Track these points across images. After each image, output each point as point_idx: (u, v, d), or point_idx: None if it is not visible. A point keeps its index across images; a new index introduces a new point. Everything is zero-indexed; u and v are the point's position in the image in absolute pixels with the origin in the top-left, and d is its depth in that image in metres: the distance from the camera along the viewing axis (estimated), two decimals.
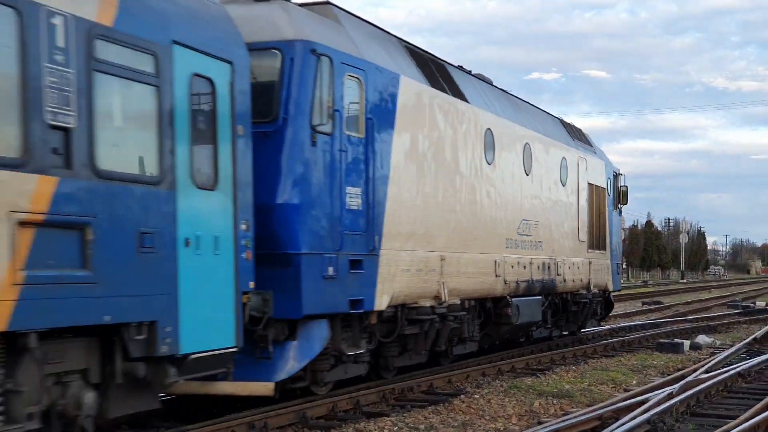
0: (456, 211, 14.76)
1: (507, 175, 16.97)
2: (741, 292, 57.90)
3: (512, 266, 16.94)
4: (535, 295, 18.01)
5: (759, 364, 16.98)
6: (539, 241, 18.48)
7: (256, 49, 10.83)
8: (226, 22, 10.18)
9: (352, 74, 12.00)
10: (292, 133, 10.99)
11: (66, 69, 7.71)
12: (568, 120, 22.78)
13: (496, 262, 16.21)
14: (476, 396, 13.34)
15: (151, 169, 8.76)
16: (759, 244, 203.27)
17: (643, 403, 11.86)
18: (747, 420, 10.80)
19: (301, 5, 12.14)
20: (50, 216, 7.46)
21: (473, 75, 17.51)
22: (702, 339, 22.59)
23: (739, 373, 15.46)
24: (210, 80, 9.63)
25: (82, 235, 7.82)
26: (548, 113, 21.42)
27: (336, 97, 11.54)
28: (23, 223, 7.20)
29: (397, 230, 12.84)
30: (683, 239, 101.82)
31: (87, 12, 7.97)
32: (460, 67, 16.97)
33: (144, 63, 8.68)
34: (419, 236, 13.51)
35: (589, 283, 21.43)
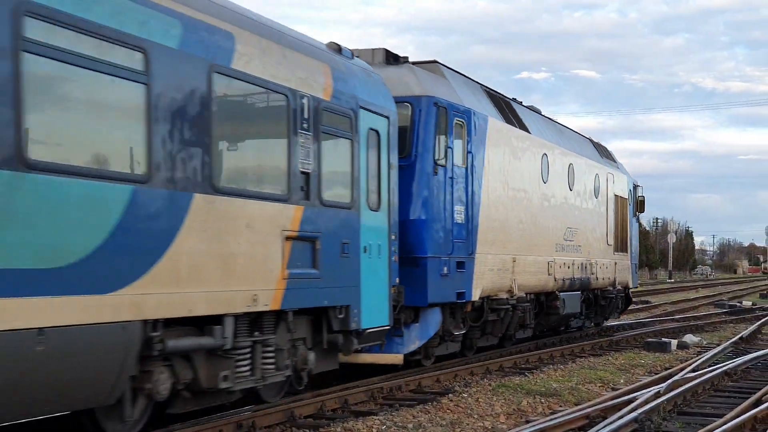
0: (523, 222, 18.33)
1: (557, 191, 20.51)
2: (728, 292, 58.14)
3: (560, 266, 20.40)
4: (575, 291, 21.41)
5: (745, 363, 17.07)
6: (579, 245, 21.88)
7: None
8: (383, 86, 13.75)
9: (459, 119, 15.58)
10: (421, 166, 14.62)
11: (308, 132, 11.17)
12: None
13: (548, 263, 19.68)
14: (464, 395, 13.36)
15: (347, 197, 12.26)
16: (746, 244, 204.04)
17: (630, 402, 11.90)
18: (733, 418, 10.87)
19: (414, 63, 15.73)
20: (299, 233, 11.01)
21: (526, 107, 20.88)
22: (689, 338, 22.68)
23: (725, 372, 15.53)
24: (377, 131, 13.17)
25: (314, 245, 11.37)
26: (582, 135, 24.93)
27: (449, 137, 15.14)
28: (287, 238, 10.75)
29: (486, 238, 16.45)
30: (671, 239, 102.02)
31: (317, 92, 11.52)
32: (514, 99, 20.26)
33: (344, 124, 12.22)
34: (500, 242, 17.10)
35: (614, 281, 24.89)
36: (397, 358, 14.16)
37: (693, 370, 15.53)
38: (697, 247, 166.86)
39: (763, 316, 31.43)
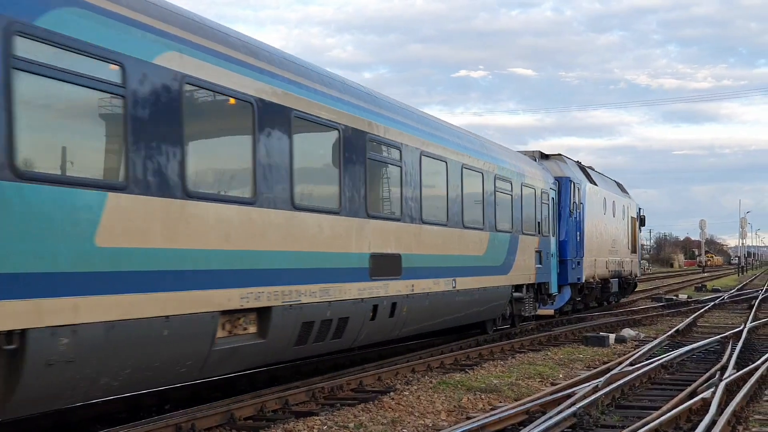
0: (597, 238, 31.25)
1: (608, 219, 33.61)
2: (664, 285, 59.03)
3: (610, 263, 33.43)
4: (615, 278, 34.26)
5: (681, 355, 17.35)
6: (616, 250, 34.92)
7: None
8: (548, 172, 26.27)
9: (577, 186, 28.71)
10: (564, 213, 27.71)
11: (543, 203, 24.58)
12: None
13: (606, 261, 32.66)
14: (406, 393, 13.38)
15: (548, 230, 24.62)
16: (682, 237, 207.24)
17: (569, 396, 12.02)
18: (669, 410, 11.03)
19: (553, 155, 29.08)
20: (537, 249, 23.30)
21: (591, 168, 33.83)
22: (627, 332, 22.96)
23: (662, 365, 15.76)
24: (549, 195, 25.09)
25: (540, 254, 23.62)
26: (613, 180, 38.80)
27: (574, 196, 28.09)
28: (534, 251, 23.25)
29: (587, 248, 29.44)
30: None
31: (541, 185, 24.28)
32: (591, 167, 33.96)
33: (544, 196, 24.49)
34: (591, 251, 30.09)
35: (631, 272, 38.70)
36: (551, 313, 28.34)
37: (630, 364, 15.74)
38: None
39: (698, 309, 31.99)
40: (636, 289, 43.20)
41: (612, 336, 21.47)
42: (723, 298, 39.65)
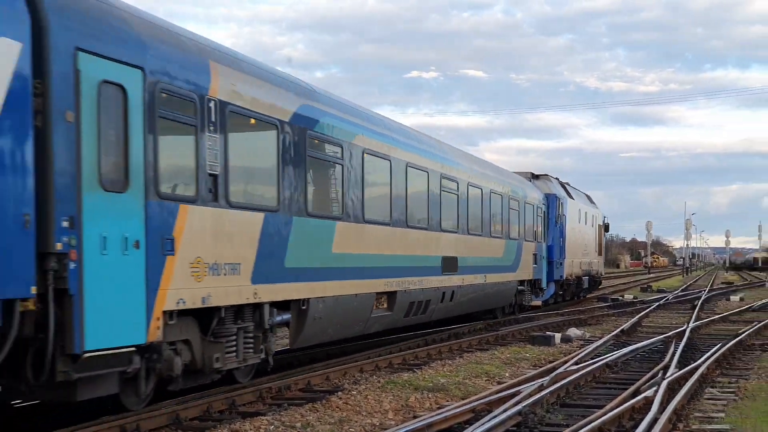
0: (574, 243, 36.94)
1: (581, 226, 39.58)
2: (611, 286, 59.71)
3: (582, 263, 39.38)
4: (586, 276, 40.52)
5: (625, 354, 17.59)
6: (587, 252, 41.05)
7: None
8: (539, 190, 32.77)
9: (561, 201, 34.64)
10: (551, 223, 33.81)
11: (539, 216, 31.81)
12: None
13: (579, 262, 38.68)
14: (353, 392, 13.41)
15: (542, 238, 31.91)
16: (628, 239, 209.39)
17: (515, 395, 12.15)
18: (613, 409, 11.20)
19: (540, 176, 35.21)
20: (534, 253, 30.42)
21: (567, 184, 39.02)
22: (573, 332, 23.22)
23: (606, 364, 15.97)
24: (541, 208, 32.08)
25: (535, 257, 30.16)
26: (585, 193, 45.34)
27: (558, 209, 34.20)
28: (532, 254, 30.04)
29: (567, 252, 35.20)
30: None
31: (535, 201, 31.31)
32: (568, 183, 39.33)
33: (539, 210, 31.70)
34: (569, 253, 35.79)
35: (597, 271, 44.98)
36: (538, 304, 32.51)
37: (575, 363, 15.92)
38: None
39: (644, 309, 32.41)
40: (599, 286, 49.85)
41: (558, 335, 21.71)
42: (668, 299, 40.25)
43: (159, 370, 10.73)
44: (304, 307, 14.04)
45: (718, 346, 18.37)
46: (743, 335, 21.13)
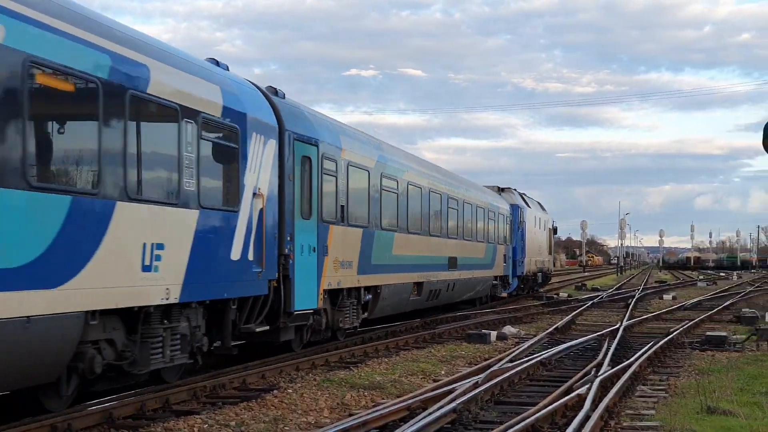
0: (531, 245, 42.99)
1: (536, 230, 45.31)
2: (546, 284, 60.24)
3: (537, 261, 45.22)
4: (540, 272, 46.40)
5: (559, 352, 17.80)
6: (541, 252, 46.99)
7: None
8: (506, 201, 39.42)
9: (521, 210, 41.33)
10: (515, 228, 40.32)
11: (498, 220, 37.75)
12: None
13: (535, 260, 44.16)
14: (289, 391, 13.38)
15: (510, 241, 39.37)
16: (564, 238, 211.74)
17: (450, 392, 12.21)
18: (546, 406, 11.31)
19: (504, 189, 41.76)
20: (509, 256, 39.56)
21: (523, 194, 44.57)
22: (508, 329, 23.42)
23: (540, 362, 16.15)
24: (509, 217, 39.00)
25: (513, 258, 39.95)
26: (536, 200, 50.26)
27: (520, 216, 40.87)
28: (503, 255, 37.65)
29: (526, 252, 41.65)
30: None
31: (505, 211, 38.89)
32: (524, 194, 44.71)
33: (506, 216, 38.52)
34: (528, 253, 42.14)
35: (548, 268, 50.87)
36: (505, 295, 37.70)
37: (510, 361, 16.06)
38: None
39: (578, 307, 32.83)
40: (550, 281, 56.19)
41: (494, 333, 21.88)
42: (602, 297, 40.80)
43: (317, 324, 17.40)
44: (378, 291, 20.85)
45: (650, 344, 18.66)
46: (675, 333, 21.52)
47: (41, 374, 9.71)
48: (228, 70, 14.93)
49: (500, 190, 41.27)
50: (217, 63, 14.70)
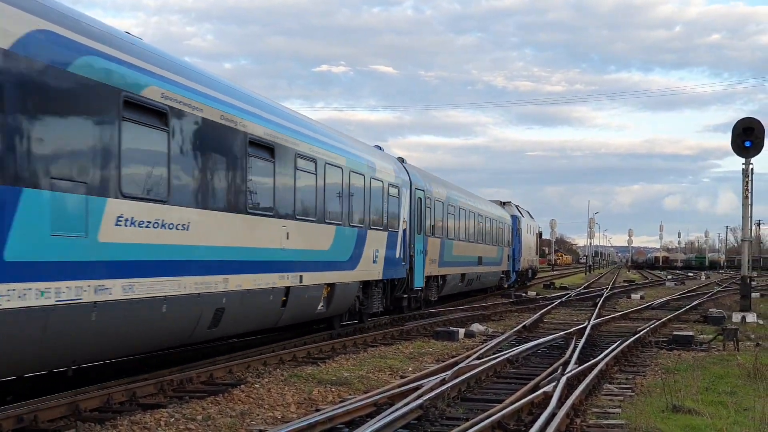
0: (525, 247, 53.84)
1: (527, 235, 55.32)
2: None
3: (530, 259, 57.68)
4: (529, 269, 57.65)
5: (526, 350, 17.89)
6: (530, 253, 57.90)
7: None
8: (507, 213, 49.27)
9: (518, 219, 51.41)
10: (514, 234, 49.61)
11: (514, 235, 51.35)
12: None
13: (528, 259, 56.09)
14: (256, 385, 13.37)
15: (508, 243, 47.68)
16: None
17: (417, 389, 12.24)
18: (512, 404, 11.37)
19: (505, 203, 51.53)
20: (508, 254, 49.77)
21: (520, 206, 55.28)
22: (476, 327, 23.48)
23: (508, 359, 16.22)
24: (511, 225, 48.73)
25: (513, 258, 50.03)
26: (526, 210, 58.82)
27: (518, 225, 50.87)
28: (507, 254, 48.30)
29: (522, 252, 51.75)
30: None
31: (508, 222, 49.36)
32: (519, 206, 54.71)
33: (510, 227, 49.39)
34: (523, 252, 52.24)
35: (536, 266, 63.17)
36: (506, 285, 47.39)
37: (478, 358, 16.12)
38: None
39: (546, 305, 33.01)
40: (536, 276, 66.50)
41: (462, 331, 21.95)
42: (570, 296, 41.03)
43: (421, 296, 27.92)
44: (446, 278, 31.20)
45: (617, 343, 18.79)
46: (641, 333, 21.67)
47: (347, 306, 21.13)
48: (382, 149, 26.30)
49: (503, 204, 51.26)
50: (380, 148, 26.25)
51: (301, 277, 16.78)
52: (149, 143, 11.94)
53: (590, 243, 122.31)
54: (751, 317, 27.65)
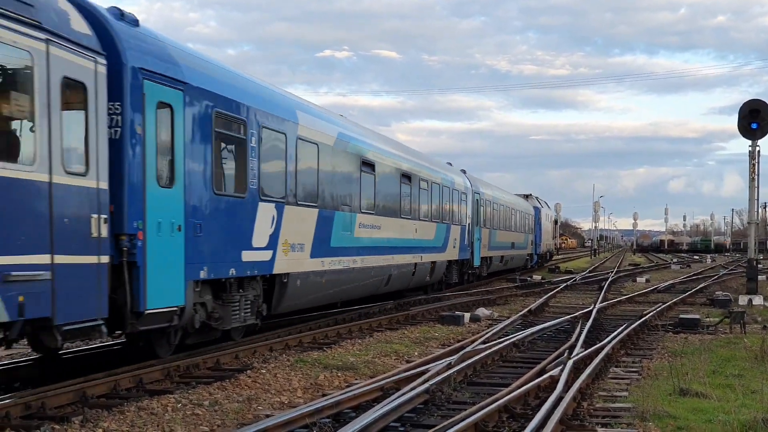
0: (544, 233, 63.03)
1: (546, 223, 65.22)
2: (519, 267, 60.52)
3: (547, 244, 67.56)
4: (548, 252, 69.60)
5: (532, 334, 17.88)
6: (548, 238, 68.88)
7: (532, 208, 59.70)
8: (530, 205, 59.00)
9: (540, 210, 61.93)
10: (537, 224, 59.37)
11: (541, 224, 63.24)
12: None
13: (546, 244, 66.46)
14: (263, 371, 13.38)
15: (532, 232, 57.61)
16: None
17: (423, 373, 12.25)
18: (519, 387, 11.37)
19: (528, 195, 62.28)
20: (533, 240, 60.07)
21: (537, 197, 66.42)
22: (481, 311, 23.49)
23: (513, 344, 16.21)
24: (534, 216, 58.42)
25: (533, 241, 59.32)
26: (543, 200, 69.59)
27: (540, 215, 61.64)
28: (531, 241, 58.74)
29: (542, 238, 61.79)
30: None
31: (532, 213, 60.10)
32: (536, 197, 65.55)
33: (535, 215, 60.02)
34: (543, 238, 62.42)
35: (552, 249, 74.95)
36: (528, 265, 56.38)
37: (483, 342, 16.12)
38: None
39: (551, 289, 32.99)
40: (553, 257, 76.14)
41: (467, 315, 21.94)
42: (575, 280, 41.01)
43: (477, 272, 37.84)
44: (492, 259, 40.81)
45: (624, 326, 18.77)
46: (648, 316, 21.65)
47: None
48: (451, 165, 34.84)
49: (526, 197, 59.97)
50: (450, 164, 34.00)
51: (421, 257, 26.72)
52: (367, 183, 21.66)
53: (595, 227, 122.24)
54: (757, 300, 27.61)
